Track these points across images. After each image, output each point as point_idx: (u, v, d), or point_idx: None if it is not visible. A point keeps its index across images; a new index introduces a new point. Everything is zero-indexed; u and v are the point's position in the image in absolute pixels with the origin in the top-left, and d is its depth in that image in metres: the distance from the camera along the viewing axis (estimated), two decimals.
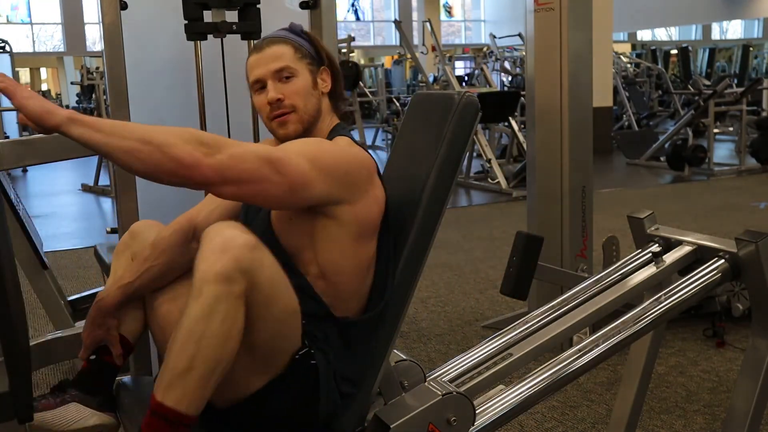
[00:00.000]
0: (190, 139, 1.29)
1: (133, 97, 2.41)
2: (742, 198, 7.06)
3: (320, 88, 1.64)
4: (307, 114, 1.60)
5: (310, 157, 1.42)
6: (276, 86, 1.58)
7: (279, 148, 1.44)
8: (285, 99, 1.58)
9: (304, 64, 1.61)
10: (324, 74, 1.65)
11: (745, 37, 23.70)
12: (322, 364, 1.47)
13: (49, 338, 2.46)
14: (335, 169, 1.46)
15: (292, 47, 1.61)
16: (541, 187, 3.38)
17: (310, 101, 1.61)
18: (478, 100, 1.63)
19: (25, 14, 21.59)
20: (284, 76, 1.59)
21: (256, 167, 1.34)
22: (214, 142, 1.31)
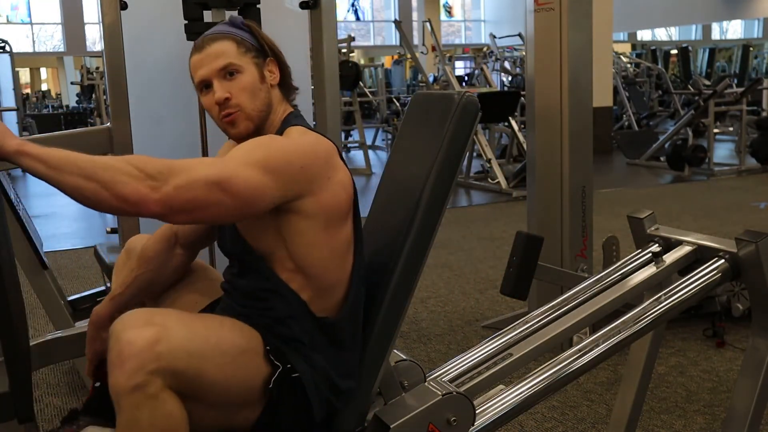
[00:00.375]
0: (134, 173, 1.26)
1: (133, 97, 2.41)
2: (742, 198, 7.06)
3: (268, 81, 1.57)
4: (257, 110, 1.54)
5: (260, 164, 1.37)
6: (222, 85, 1.52)
7: (226, 162, 1.37)
8: (232, 98, 1.52)
9: (249, 59, 1.54)
10: (271, 65, 1.58)
11: (745, 37, 23.70)
12: (306, 371, 1.46)
13: (49, 338, 2.46)
14: (288, 167, 1.41)
15: (234, 42, 1.54)
16: (541, 187, 3.38)
17: (258, 97, 1.54)
18: (478, 100, 1.63)
19: (25, 14, 21.59)
20: (229, 72, 1.52)
21: (204, 193, 1.30)
22: (159, 173, 1.27)
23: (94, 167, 1.25)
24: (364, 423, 1.54)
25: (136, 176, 1.26)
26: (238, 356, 1.39)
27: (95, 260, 3.63)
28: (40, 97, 19.99)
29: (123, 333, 1.28)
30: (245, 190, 1.35)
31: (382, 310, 1.55)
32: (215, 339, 1.37)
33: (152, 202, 1.27)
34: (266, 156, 1.40)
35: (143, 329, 1.28)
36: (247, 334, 1.45)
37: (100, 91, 9.47)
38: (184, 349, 1.31)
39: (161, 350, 1.27)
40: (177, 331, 1.31)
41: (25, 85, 21.40)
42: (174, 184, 1.28)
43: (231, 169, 1.35)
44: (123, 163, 1.27)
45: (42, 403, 2.88)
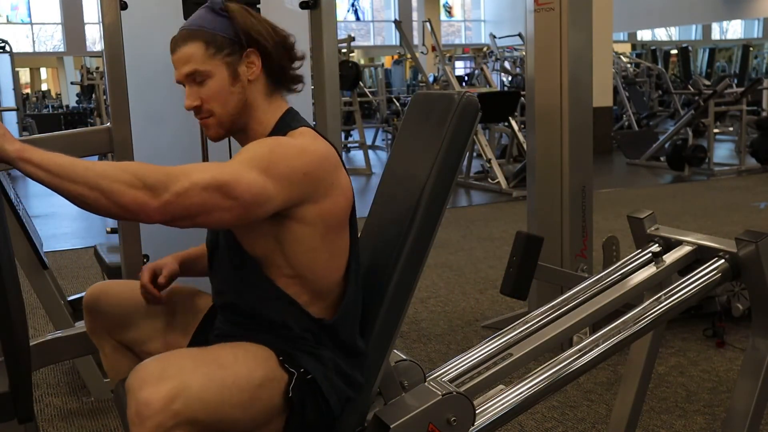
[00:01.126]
0: (133, 182, 1.25)
1: (133, 97, 2.41)
2: (742, 198, 7.06)
3: (244, 77, 1.49)
4: (228, 115, 1.50)
5: (263, 168, 1.35)
6: (192, 91, 1.49)
7: (227, 166, 1.35)
8: (203, 104, 1.49)
9: (219, 60, 1.47)
10: (251, 57, 1.49)
11: (745, 37, 23.70)
12: (317, 369, 1.47)
13: (49, 338, 2.46)
14: (292, 173, 1.38)
15: (202, 43, 1.47)
16: (541, 187, 3.38)
17: (229, 101, 1.49)
18: (478, 100, 1.63)
19: (25, 14, 21.60)
20: (196, 80, 1.49)
21: (204, 199, 1.30)
22: (158, 182, 1.27)
23: (94, 176, 1.25)
24: (364, 423, 1.54)
25: (135, 185, 1.26)
26: (255, 390, 1.40)
27: (95, 260, 3.63)
28: (40, 97, 19.99)
29: (139, 392, 1.28)
30: (247, 194, 1.33)
31: (382, 310, 1.55)
32: (232, 379, 1.36)
33: (152, 210, 1.27)
34: (270, 161, 1.37)
35: (159, 386, 1.28)
36: (260, 356, 1.44)
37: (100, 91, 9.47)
38: (202, 399, 1.31)
39: (178, 408, 1.28)
40: (193, 382, 1.31)
41: (25, 85, 21.41)
42: (173, 191, 1.28)
43: (232, 172, 1.33)
44: (122, 172, 1.27)
45: (42, 403, 2.88)
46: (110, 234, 3.09)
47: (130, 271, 2.48)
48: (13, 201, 2.91)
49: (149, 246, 2.55)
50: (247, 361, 1.41)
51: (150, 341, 1.69)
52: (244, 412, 1.38)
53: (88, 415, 2.78)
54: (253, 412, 1.40)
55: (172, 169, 1.31)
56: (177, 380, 1.30)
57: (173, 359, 1.37)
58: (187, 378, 1.31)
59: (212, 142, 2.51)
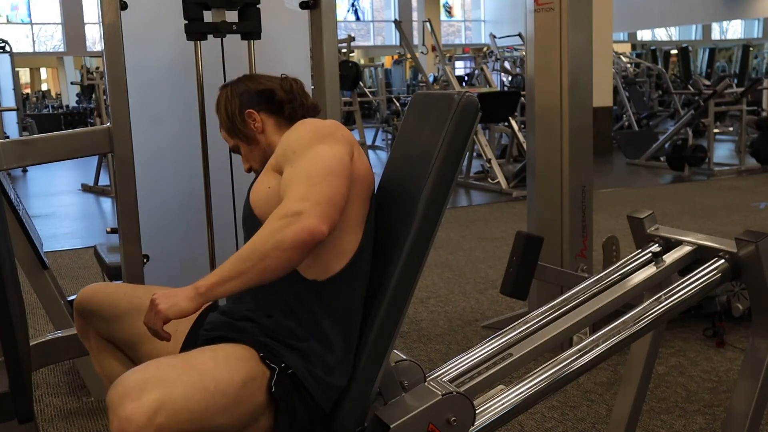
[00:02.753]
0: (282, 223, 1.37)
1: (133, 97, 2.41)
2: (742, 198, 7.06)
3: (255, 131, 1.76)
4: (260, 162, 1.76)
5: (321, 138, 1.54)
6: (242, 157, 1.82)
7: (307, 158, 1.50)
8: (249, 164, 1.80)
9: (235, 136, 1.79)
10: (250, 117, 1.76)
11: (745, 37, 23.71)
12: (298, 364, 1.47)
13: (49, 338, 2.47)
14: (333, 129, 1.58)
15: (225, 130, 1.81)
16: (541, 187, 3.38)
17: (256, 152, 1.77)
18: (478, 100, 1.63)
19: (25, 14, 21.60)
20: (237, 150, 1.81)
21: (329, 186, 1.45)
22: (296, 207, 1.39)
23: (255, 250, 1.37)
24: (364, 423, 1.54)
25: (285, 224, 1.37)
26: (238, 392, 1.40)
27: (95, 260, 3.63)
28: (40, 97, 19.99)
29: (121, 407, 1.27)
30: (340, 165, 1.50)
31: (382, 309, 1.55)
32: (213, 384, 1.36)
33: (315, 226, 1.37)
34: (317, 131, 1.56)
35: (140, 400, 1.27)
36: (240, 356, 1.44)
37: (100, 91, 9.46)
38: (185, 409, 1.31)
39: (162, 420, 1.27)
40: (175, 392, 1.31)
41: (25, 85, 21.41)
42: (313, 201, 1.40)
43: (316, 162, 1.49)
44: (270, 225, 1.39)
45: (42, 403, 2.89)
46: (110, 234, 3.09)
47: (130, 271, 2.48)
48: (13, 201, 2.91)
49: (149, 246, 2.55)
50: (228, 364, 1.41)
51: (141, 344, 1.68)
52: (229, 416, 1.38)
53: (88, 415, 2.78)
54: (238, 413, 1.40)
55: (295, 192, 1.44)
56: (158, 392, 1.29)
57: (152, 370, 1.35)
58: (169, 389, 1.31)
59: (212, 143, 2.53)
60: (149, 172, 2.63)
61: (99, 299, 1.72)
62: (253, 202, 1.61)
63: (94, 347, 1.75)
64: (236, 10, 2.46)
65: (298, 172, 1.48)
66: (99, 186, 8.37)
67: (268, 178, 1.60)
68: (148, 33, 2.64)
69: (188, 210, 2.74)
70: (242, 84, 1.80)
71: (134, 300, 1.70)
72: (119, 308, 1.70)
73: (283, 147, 1.58)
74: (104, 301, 1.71)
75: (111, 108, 2.39)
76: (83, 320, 1.74)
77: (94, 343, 1.75)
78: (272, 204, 1.50)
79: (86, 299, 1.72)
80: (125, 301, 1.71)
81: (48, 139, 2.44)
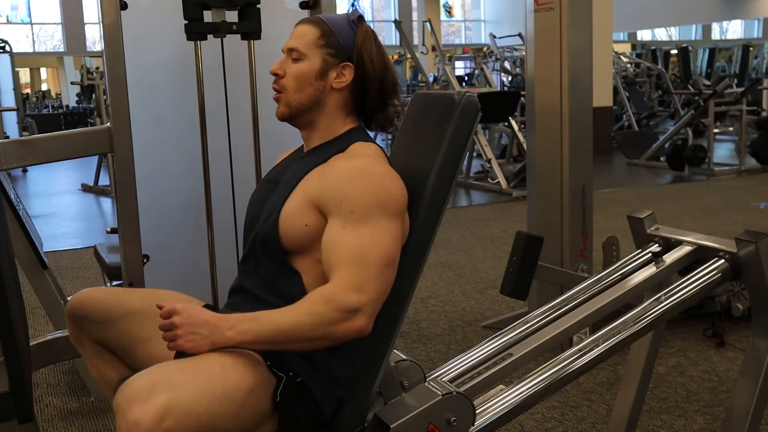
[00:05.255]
0: (339, 316, 1.38)
1: (133, 97, 2.41)
2: (742, 198, 7.06)
3: (330, 81, 1.58)
4: (297, 101, 1.59)
5: (386, 213, 1.46)
6: (284, 62, 1.60)
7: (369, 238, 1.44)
8: (282, 78, 1.59)
9: (322, 52, 1.57)
10: (345, 69, 1.58)
11: (745, 37, 23.70)
12: (308, 373, 1.47)
13: (49, 338, 2.47)
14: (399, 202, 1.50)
15: (319, 31, 1.58)
16: (541, 187, 3.38)
17: (305, 89, 1.58)
18: (478, 100, 1.63)
19: (25, 14, 21.59)
20: (293, 57, 1.59)
21: (386, 282, 1.44)
22: (356, 302, 1.39)
23: (303, 330, 1.38)
24: (364, 423, 1.54)
25: (340, 319, 1.38)
26: (245, 397, 1.39)
27: (95, 260, 3.63)
28: (40, 97, 19.98)
29: (128, 412, 1.27)
30: (397, 249, 1.47)
31: (382, 309, 1.55)
32: (221, 390, 1.36)
33: (365, 327, 1.41)
34: (382, 203, 1.47)
35: (148, 404, 1.26)
36: (248, 363, 1.44)
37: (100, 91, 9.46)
38: (193, 413, 1.30)
39: (169, 425, 1.27)
40: (183, 397, 1.30)
41: (25, 85, 21.40)
42: (369, 299, 1.40)
43: (378, 244, 1.44)
44: (322, 312, 1.38)
45: (42, 403, 2.88)
46: (110, 234, 3.09)
47: (130, 271, 2.47)
48: (13, 201, 2.91)
49: (149, 246, 2.55)
50: (236, 370, 1.40)
51: (136, 349, 1.66)
52: (235, 421, 1.38)
53: (88, 415, 2.78)
54: (244, 419, 1.40)
55: (353, 277, 1.41)
56: (166, 396, 1.28)
57: (160, 374, 1.34)
58: (177, 393, 1.30)
59: (212, 143, 2.53)
60: (149, 172, 2.63)
61: (90, 305, 1.68)
62: (283, 230, 1.52)
63: (89, 353, 1.72)
64: (236, 10, 2.46)
65: (355, 244, 1.43)
66: (99, 186, 8.37)
67: (305, 212, 1.51)
68: (148, 33, 2.64)
69: (188, 210, 2.73)
70: (382, 54, 1.62)
71: (126, 305, 1.66)
72: (112, 313, 1.67)
73: (335, 191, 1.48)
74: (96, 306, 1.67)
75: (111, 108, 2.39)
76: (76, 327, 1.70)
77: (88, 348, 1.72)
78: (306, 243, 1.50)
79: (78, 305, 1.69)
80: (117, 305, 1.67)
81: (48, 139, 2.44)
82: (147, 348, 1.65)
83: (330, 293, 1.39)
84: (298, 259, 1.53)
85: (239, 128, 2.60)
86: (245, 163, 2.60)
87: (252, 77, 2.54)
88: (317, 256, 1.50)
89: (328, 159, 1.56)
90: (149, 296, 1.69)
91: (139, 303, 1.68)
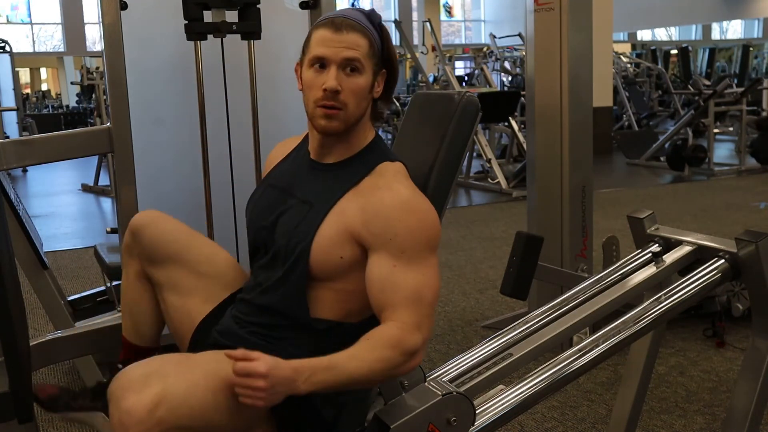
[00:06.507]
0: (403, 359, 1.39)
1: (133, 97, 2.41)
2: (742, 198, 7.06)
3: (374, 92, 1.54)
4: (354, 117, 1.51)
5: (433, 249, 1.47)
6: (339, 75, 1.47)
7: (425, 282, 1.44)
8: (342, 94, 1.47)
9: (371, 64, 1.50)
10: (381, 78, 1.55)
11: (745, 37, 23.69)
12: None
13: (49, 338, 2.46)
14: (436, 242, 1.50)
15: (368, 41, 1.50)
16: (541, 187, 3.38)
17: (362, 103, 1.51)
18: (478, 100, 1.62)
19: (25, 14, 21.58)
20: (350, 68, 1.48)
21: (432, 315, 1.45)
22: (418, 343, 1.40)
23: (373, 376, 1.38)
24: (364, 423, 1.54)
25: (404, 361, 1.39)
26: None
27: (95, 260, 3.63)
28: (40, 97, 19.97)
29: (122, 400, 1.27)
30: (438, 284, 1.49)
31: None
32: (216, 384, 1.36)
33: (420, 360, 1.43)
34: (429, 245, 1.47)
35: (141, 393, 1.27)
36: None
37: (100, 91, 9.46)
38: (187, 405, 1.30)
39: (162, 414, 1.27)
40: (177, 387, 1.30)
41: (25, 85, 21.39)
42: (425, 337, 1.42)
43: (433, 287, 1.45)
44: (390, 357, 1.38)
45: None
46: (110, 234, 3.09)
47: None
48: (13, 201, 2.91)
49: None
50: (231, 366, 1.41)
51: (171, 294, 1.68)
52: (231, 416, 1.37)
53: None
54: (240, 415, 1.39)
55: (410, 318, 1.41)
56: (160, 386, 1.28)
57: (156, 365, 1.35)
58: (171, 384, 1.30)
59: (212, 143, 2.53)
60: (149, 172, 2.63)
61: (154, 230, 1.69)
62: (315, 260, 1.48)
63: (131, 268, 1.73)
64: (236, 10, 2.46)
65: (410, 285, 1.42)
66: (99, 186, 8.36)
67: (342, 245, 1.48)
68: (148, 33, 2.64)
69: (188, 210, 2.73)
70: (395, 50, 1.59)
71: (182, 252, 1.68)
72: (168, 247, 1.68)
73: (383, 228, 1.44)
74: (156, 238, 1.68)
75: (111, 108, 2.39)
76: (133, 240, 1.71)
77: (133, 263, 1.72)
78: (336, 273, 1.49)
79: (141, 228, 1.69)
80: (174, 247, 1.68)
81: (48, 139, 2.44)
82: (182, 300, 1.66)
83: (397, 338, 1.39)
84: (320, 287, 1.51)
85: (239, 128, 2.60)
86: (245, 163, 2.60)
87: (252, 77, 2.54)
88: (341, 287, 1.50)
89: (359, 182, 1.51)
90: (208, 253, 1.71)
91: (196, 256, 1.69)
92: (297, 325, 1.52)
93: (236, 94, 2.61)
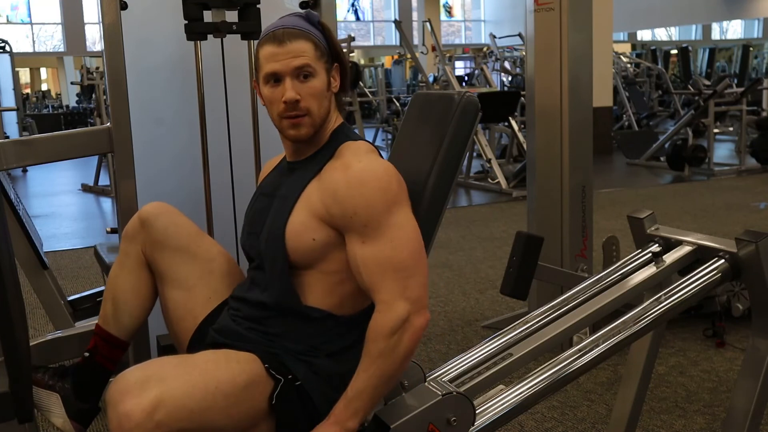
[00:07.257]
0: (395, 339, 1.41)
1: (133, 97, 2.41)
2: (742, 198, 7.06)
3: (332, 88, 1.58)
4: (320, 117, 1.55)
5: (398, 208, 1.46)
6: (294, 85, 1.51)
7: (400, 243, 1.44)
8: (302, 101, 1.51)
9: (322, 64, 1.54)
10: (335, 72, 1.58)
11: (745, 37, 23.69)
12: (308, 377, 1.47)
13: (49, 338, 2.46)
14: (404, 193, 1.51)
15: (313, 44, 1.53)
16: (541, 187, 3.38)
17: (323, 104, 1.55)
18: (478, 100, 1.62)
19: (25, 14, 21.58)
20: (304, 74, 1.51)
21: (422, 268, 1.46)
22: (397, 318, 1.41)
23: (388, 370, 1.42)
24: (364, 423, 1.54)
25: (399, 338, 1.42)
26: (240, 393, 1.40)
27: (95, 260, 3.63)
28: (40, 97, 19.99)
29: (120, 404, 1.28)
30: (418, 231, 1.49)
31: None
32: (215, 384, 1.36)
33: (423, 322, 1.46)
34: (393, 202, 1.46)
35: (140, 396, 1.27)
36: (243, 360, 1.44)
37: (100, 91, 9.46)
38: (185, 407, 1.31)
39: (161, 418, 1.27)
40: (175, 390, 1.31)
41: (25, 85, 21.40)
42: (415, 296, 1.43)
43: (403, 247, 1.44)
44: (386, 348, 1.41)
45: None
46: (110, 234, 3.09)
47: None
48: (13, 201, 2.91)
49: None
50: (230, 367, 1.41)
51: (179, 285, 1.68)
52: (229, 417, 1.38)
53: None
54: (239, 416, 1.40)
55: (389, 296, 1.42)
56: (158, 389, 1.29)
57: (154, 368, 1.35)
58: (169, 386, 1.30)
59: (212, 142, 2.53)
60: (149, 172, 2.63)
61: (165, 223, 1.70)
62: (291, 246, 1.51)
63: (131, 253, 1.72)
64: (236, 10, 2.46)
65: (381, 257, 1.43)
66: (99, 186, 8.37)
67: (312, 227, 1.50)
68: (147, 33, 2.63)
69: (188, 210, 2.70)
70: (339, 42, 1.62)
71: (192, 246, 1.70)
72: (175, 242, 1.69)
73: (341, 208, 1.46)
74: (170, 227, 1.70)
75: (111, 108, 2.39)
76: (141, 227, 1.71)
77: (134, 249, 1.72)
78: (315, 256, 1.50)
79: (155, 216, 1.71)
80: (185, 240, 1.70)
81: (48, 139, 2.43)
82: (187, 295, 1.67)
83: (381, 325, 1.41)
84: (306, 273, 1.52)
85: (239, 128, 2.60)
86: (245, 163, 2.60)
87: (252, 77, 2.54)
88: (326, 268, 1.51)
89: (322, 168, 1.55)
90: (216, 252, 1.73)
91: (205, 252, 1.71)
92: (293, 317, 1.52)
93: (236, 94, 2.61)
